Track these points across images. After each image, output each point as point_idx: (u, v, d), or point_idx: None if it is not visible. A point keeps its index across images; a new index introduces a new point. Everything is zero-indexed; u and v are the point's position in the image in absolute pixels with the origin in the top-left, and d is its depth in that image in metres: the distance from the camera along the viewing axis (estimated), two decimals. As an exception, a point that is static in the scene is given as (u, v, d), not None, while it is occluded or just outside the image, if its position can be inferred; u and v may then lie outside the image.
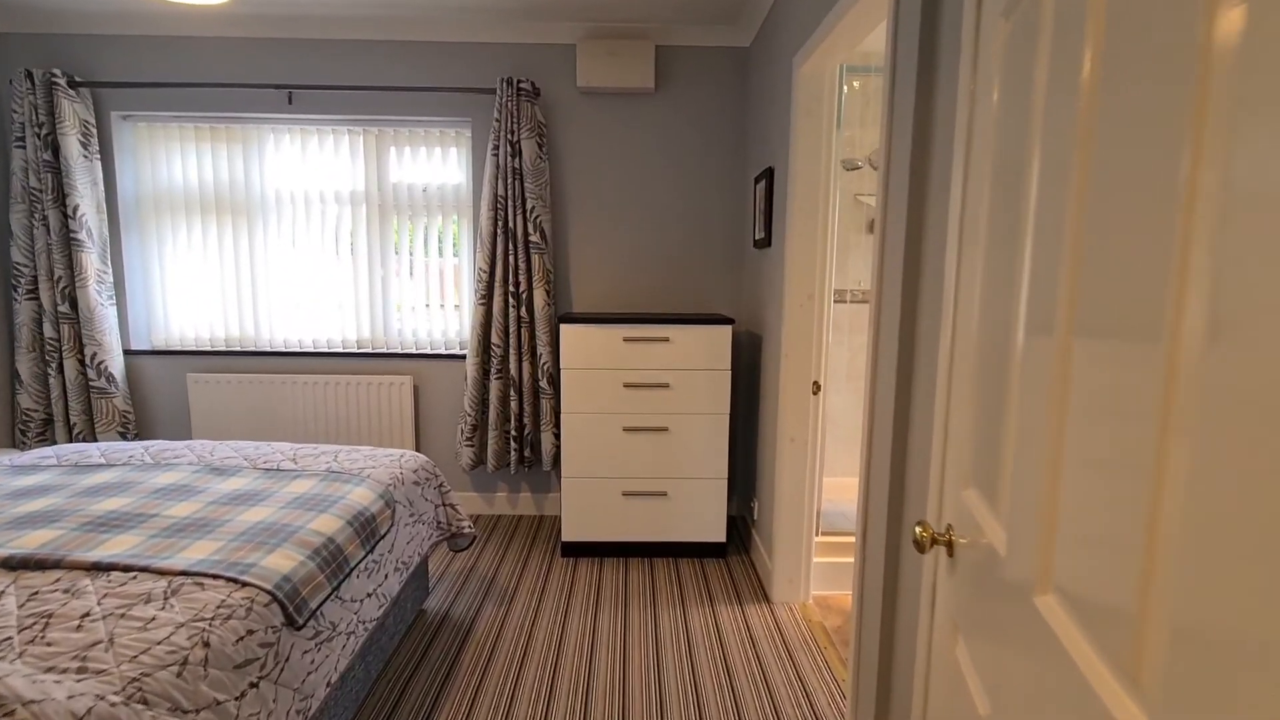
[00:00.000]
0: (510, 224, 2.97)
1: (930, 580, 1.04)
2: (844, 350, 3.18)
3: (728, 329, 2.69)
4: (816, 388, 2.38)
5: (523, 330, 3.04)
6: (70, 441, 3.05)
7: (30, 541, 1.42)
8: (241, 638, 1.22)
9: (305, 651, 1.39)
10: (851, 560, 2.53)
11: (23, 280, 2.93)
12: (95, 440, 3.07)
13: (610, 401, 2.72)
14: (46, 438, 3.06)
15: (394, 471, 2.07)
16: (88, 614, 1.16)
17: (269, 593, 1.33)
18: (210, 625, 1.19)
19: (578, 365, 2.71)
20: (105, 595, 1.23)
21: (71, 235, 2.89)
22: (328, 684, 1.48)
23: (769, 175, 2.60)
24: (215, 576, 1.32)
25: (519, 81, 2.90)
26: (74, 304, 2.96)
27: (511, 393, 3.07)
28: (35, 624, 1.13)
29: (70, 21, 2.94)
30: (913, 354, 1.36)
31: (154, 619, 1.17)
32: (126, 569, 1.33)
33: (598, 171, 3.15)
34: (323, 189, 3.16)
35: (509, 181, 2.94)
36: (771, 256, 2.61)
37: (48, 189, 2.86)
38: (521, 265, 3.00)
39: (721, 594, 2.54)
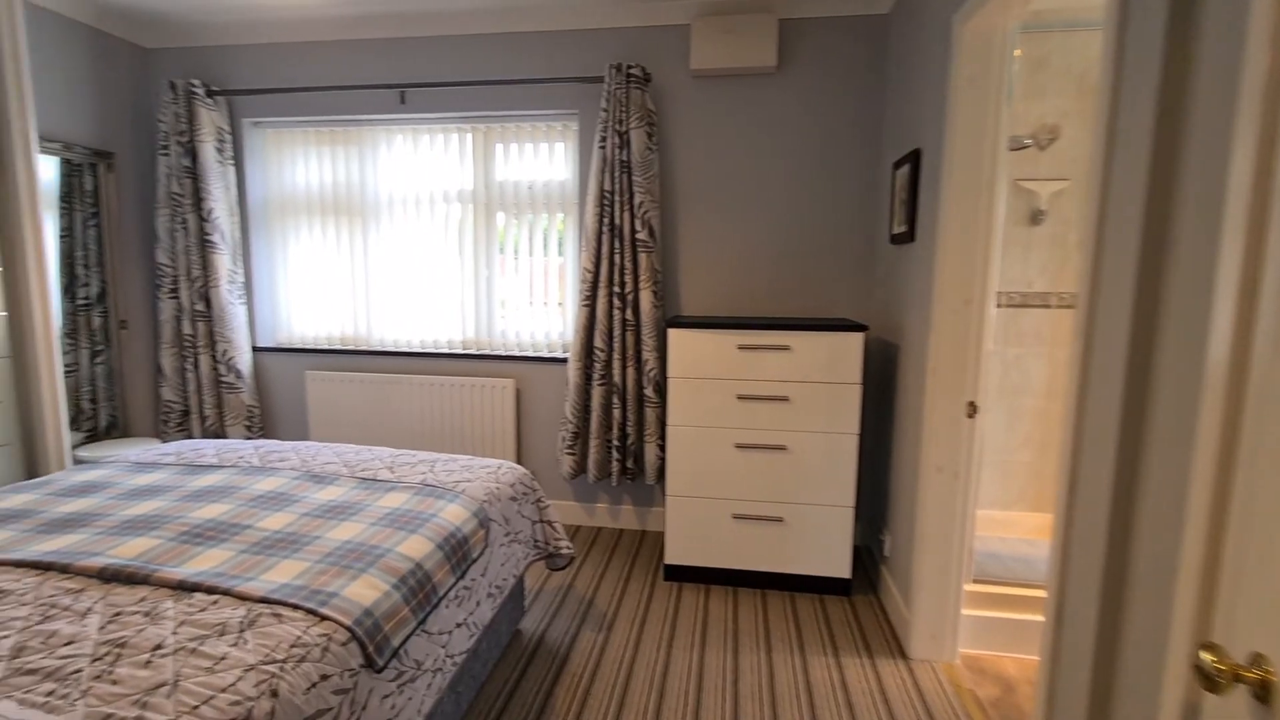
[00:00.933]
0: (616, 221, 2.78)
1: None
2: (995, 362, 2.72)
3: (858, 337, 2.34)
4: (972, 409, 1.98)
5: (627, 334, 2.85)
6: (203, 433, 3.22)
7: (128, 550, 1.38)
8: (314, 684, 1.08)
9: (385, 696, 1.25)
10: (1013, 616, 2.11)
11: (165, 280, 3.12)
12: (224, 433, 3.22)
13: (721, 414, 2.46)
14: (184, 429, 3.25)
15: (490, 486, 1.93)
16: (159, 646, 1.07)
17: (348, 629, 1.20)
18: (281, 670, 1.06)
19: (686, 373, 2.46)
20: (182, 623, 1.14)
21: (206, 237, 3.03)
22: (410, 729, 1.33)
23: (914, 159, 2.23)
24: (295, 607, 1.21)
25: (628, 67, 2.71)
26: (208, 302, 3.11)
27: (614, 400, 2.89)
28: (108, 654, 1.04)
29: (208, 34, 3.09)
30: (1147, 378, 1.00)
31: (224, 658, 1.05)
32: (210, 590, 1.24)
33: (711, 161, 2.89)
34: (432, 188, 3.13)
35: (616, 175, 2.75)
36: (915, 253, 2.23)
37: (187, 194, 3.02)
38: (628, 265, 2.80)
39: (847, 641, 2.21)
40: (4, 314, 2.14)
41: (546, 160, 3.05)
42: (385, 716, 1.24)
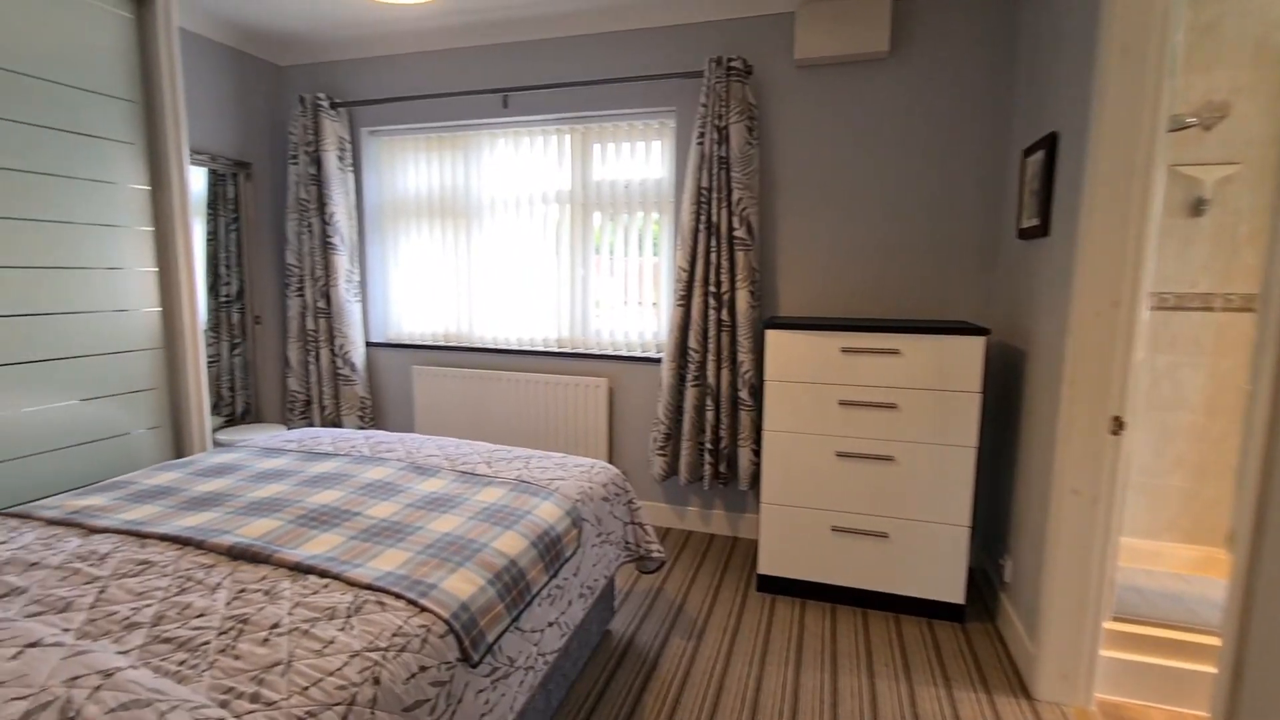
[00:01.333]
0: (713, 218, 2.71)
1: None
2: (1143, 372, 2.40)
3: (979, 341, 2.14)
4: (1117, 425, 1.75)
5: (723, 334, 2.77)
6: (322, 421, 3.46)
7: (252, 530, 1.48)
8: (414, 674, 1.10)
9: (480, 691, 1.26)
10: (1163, 662, 1.85)
11: (293, 279, 3.37)
12: (340, 422, 3.44)
13: (822, 421, 2.33)
14: (306, 416, 3.51)
15: (583, 485, 1.92)
16: (276, 625, 1.12)
17: (446, 622, 1.21)
18: (384, 658, 1.08)
19: (784, 376, 2.36)
20: (297, 604, 1.19)
21: (328, 240, 3.25)
22: (503, 726, 1.33)
23: (1049, 144, 2.01)
24: (397, 596, 1.24)
25: (729, 60, 2.63)
26: (328, 300, 3.33)
27: (708, 402, 2.82)
28: (232, 629, 1.11)
29: (333, 50, 3.31)
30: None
31: (332, 642, 1.09)
32: (323, 574, 1.30)
33: (814, 154, 2.75)
34: (531, 189, 3.20)
35: (714, 172, 2.68)
36: (1049, 249, 2.01)
37: (312, 199, 3.25)
38: (724, 263, 2.72)
39: (960, 672, 2.02)
40: (158, 309, 2.38)
41: (643, 159, 3.03)
42: (479, 712, 1.25)
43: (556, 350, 3.22)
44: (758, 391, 2.78)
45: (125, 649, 1.04)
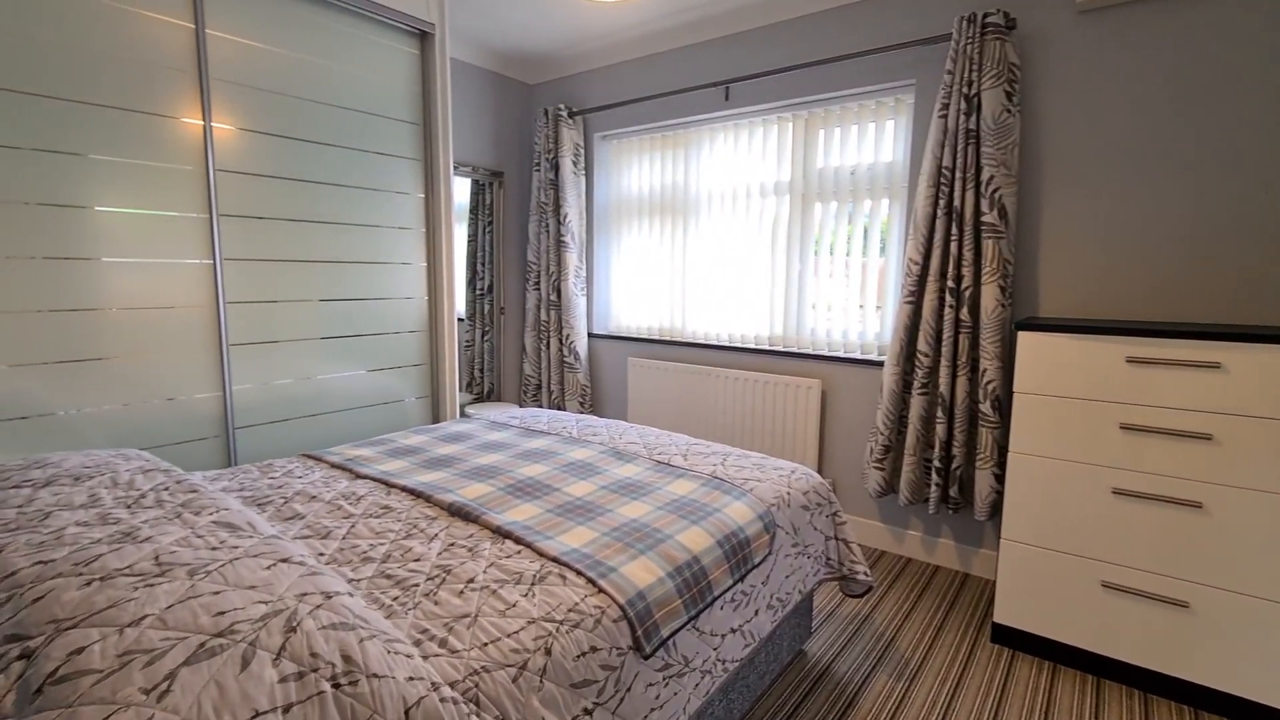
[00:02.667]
0: (955, 202, 2.35)
1: None
2: None
3: (1363, 353, 1.52)
4: None
5: (960, 336, 2.39)
6: (549, 404, 3.79)
7: (470, 492, 1.64)
8: (584, 653, 1.10)
9: (650, 684, 1.22)
10: None
11: (532, 274, 3.75)
12: (564, 406, 3.74)
13: (1094, 447, 1.86)
14: (537, 399, 3.88)
15: (780, 490, 1.79)
16: (472, 580, 1.21)
17: (621, 608, 1.19)
18: (557, 630, 1.09)
19: (1040, 389, 1.94)
20: (491, 564, 1.27)
21: (561, 238, 3.55)
22: (674, 726, 1.28)
23: None
24: (579, 573, 1.25)
25: (985, 16, 2.25)
26: (559, 293, 3.64)
27: (938, 413, 2.46)
28: (437, 576, 1.22)
29: (572, 64, 3.60)
30: None
31: (515, 605, 1.14)
32: (518, 540, 1.38)
33: (1097, 120, 2.22)
34: (749, 182, 3.11)
35: (958, 148, 2.32)
36: None
37: (550, 202, 3.58)
38: (966, 255, 2.34)
39: (1301, 814, 1.45)
40: (426, 298, 2.82)
41: (873, 142, 2.75)
42: (648, 706, 1.21)
43: (768, 348, 3.09)
44: (1003, 405, 2.35)
45: (357, 578, 1.21)
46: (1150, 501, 1.79)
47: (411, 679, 0.87)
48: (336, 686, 0.80)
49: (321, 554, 1.30)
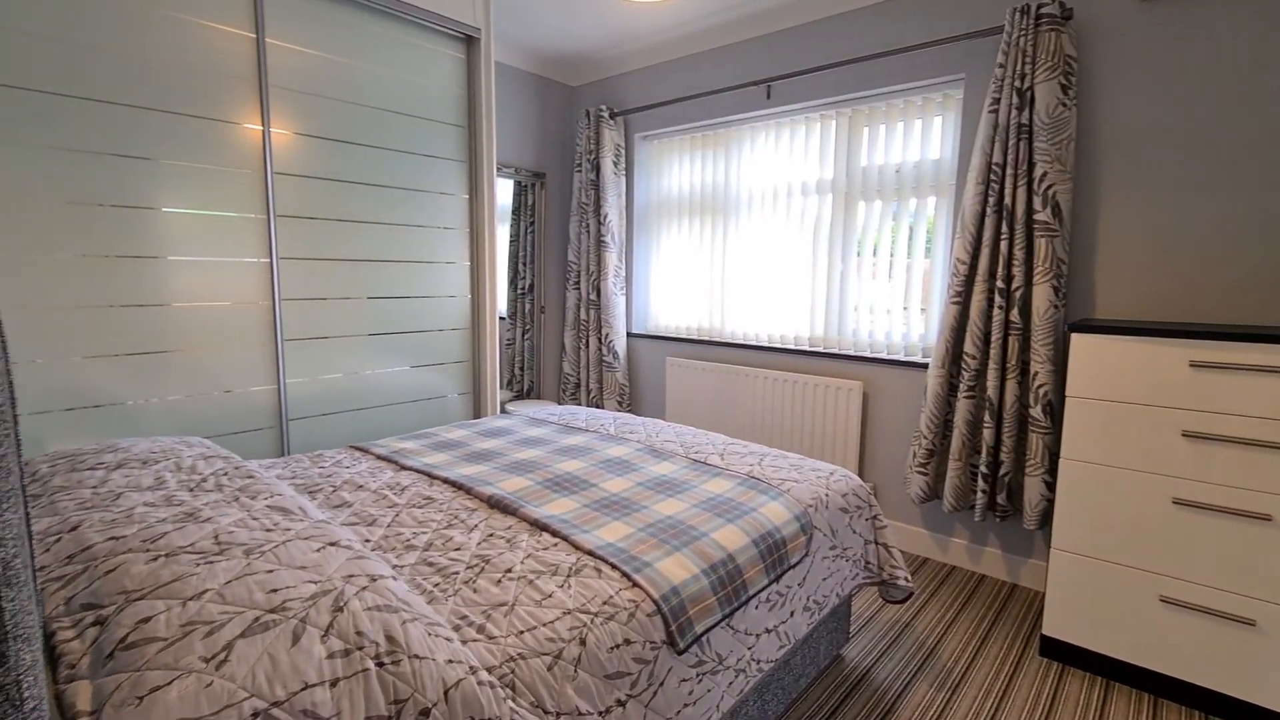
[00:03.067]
0: (1005, 199, 2.27)
1: None
2: None
3: None
4: None
5: (1010, 338, 2.31)
6: (587, 403, 3.82)
7: (509, 486, 1.67)
8: (618, 645, 1.11)
9: (683, 680, 1.22)
10: None
11: (572, 274, 3.79)
12: (602, 405, 3.77)
13: (1153, 455, 1.78)
14: (576, 398, 3.92)
15: (818, 491, 1.77)
16: (509, 570, 1.23)
17: (655, 602, 1.20)
18: (592, 622, 1.11)
19: (1094, 393, 1.86)
20: (529, 555, 1.30)
21: (601, 238, 3.58)
22: (707, 723, 1.28)
23: None
24: (614, 566, 1.27)
25: (1039, 6, 2.17)
26: (598, 293, 3.67)
27: (985, 417, 2.38)
28: (476, 565, 1.25)
29: (613, 65, 3.63)
30: None
31: (550, 596, 1.15)
32: (555, 533, 1.40)
33: (1160, 113, 2.13)
34: (790, 181, 3.08)
35: (1009, 143, 2.25)
36: None
37: (591, 203, 3.61)
38: (1017, 254, 2.27)
39: None
40: (469, 297, 2.88)
41: (919, 139, 2.69)
42: (681, 701, 1.21)
43: (808, 349, 3.06)
44: (1055, 409, 2.26)
45: (401, 564, 1.25)
46: (1215, 513, 1.70)
47: (451, 661, 0.90)
48: (380, 665, 0.83)
49: (367, 540, 1.34)
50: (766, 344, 3.22)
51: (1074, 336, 1.90)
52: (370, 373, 2.56)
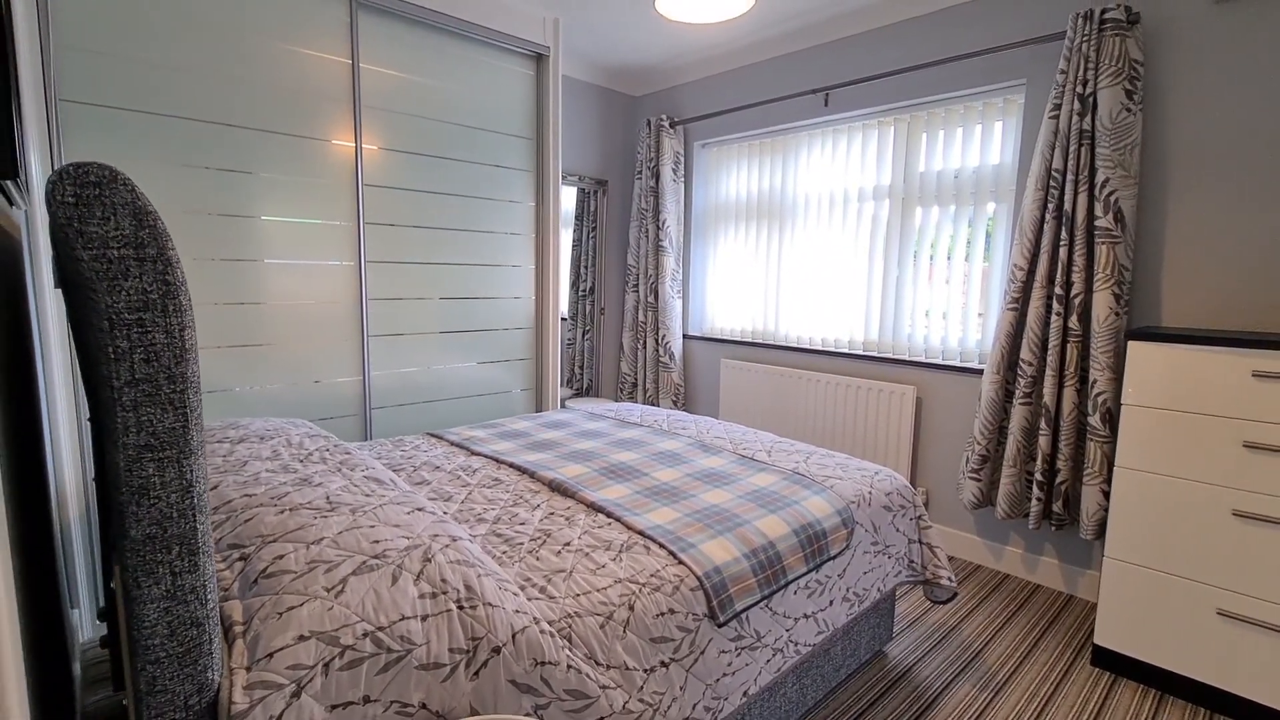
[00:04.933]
0: (1065, 205, 2.26)
1: None
2: None
3: None
4: None
5: (1068, 345, 2.30)
6: (643, 401, 3.96)
7: (569, 472, 1.82)
8: (663, 613, 1.23)
9: (723, 651, 1.33)
10: None
11: (631, 277, 3.94)
12: (657, 404, 3.89)
13: (1212, 465, 1.76)
14: (632, 396, 4.06)
15: (861, 489, 1.83)
16: (568, 544, 1.37)
17: (698, 579, 1.32)
18: (640, 591, 1.23)
19: (1153, 402, 1.85)
20: (585, 532, 1.44)
21: (659, 243, 3.71)
22: (744, 693, 1.38)
23: None
24: (661, 545, 1.39)
25: (1104, 11, 2.16)
26: (656, 296, 3.80)
27: (1041, 425, 2.37)
28: (539, 537, 1.40)
29: (674, 75, 3.75)
30: None
31: (604, 566, 1.29)
32: (609, 514, 1.53)
33: (1232, 120, 2.07)
34: (847, 187, 3.13)
35: (1070, 149, 2.24)
36: None
37: (650, 208, 3.75)
38: (1077, 260, 2.25)
39: None
40: (533, 298, 3.07)
41: (978, 144, 2.69)
42: (720, 670, 1.32)
43: (862, 353, 3.09)
44: (1114, 418, 2.23)
45: (474, 534, 1.41)
46: (1276, 526, 1.67)
47: (518, 612, 1.04)
48: (460, 608, 0.99)
49: (445, 513, 1.52)
50: (820, 347, 3.27)
51: (1130, 345, 1.89)
52: (442, 368, 2.77)
